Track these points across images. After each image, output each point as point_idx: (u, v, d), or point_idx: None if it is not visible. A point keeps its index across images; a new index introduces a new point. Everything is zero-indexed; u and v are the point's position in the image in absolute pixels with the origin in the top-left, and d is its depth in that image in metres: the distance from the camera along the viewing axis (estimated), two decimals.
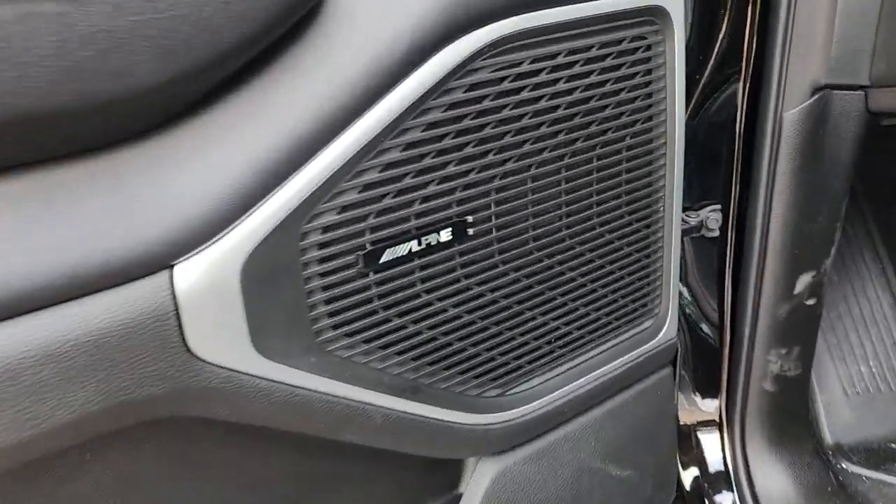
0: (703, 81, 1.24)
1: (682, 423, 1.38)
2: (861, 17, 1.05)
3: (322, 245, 0.71)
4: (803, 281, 1.26)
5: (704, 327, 1.34)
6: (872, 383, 1.56)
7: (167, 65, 0.57)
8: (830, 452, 1.45)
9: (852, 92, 1.10)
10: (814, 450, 1.41)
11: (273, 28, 0.63)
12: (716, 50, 1.21)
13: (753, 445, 1.37)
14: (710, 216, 1.27)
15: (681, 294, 1.36)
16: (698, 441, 1.38)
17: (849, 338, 1.60)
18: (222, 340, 0.67)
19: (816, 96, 1.10)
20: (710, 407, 1.37)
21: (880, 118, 1.19)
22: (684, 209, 1.27)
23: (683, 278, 1.36)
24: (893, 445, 1.48)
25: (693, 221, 1.27)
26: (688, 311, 1.36)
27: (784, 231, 1.20)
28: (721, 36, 1.19)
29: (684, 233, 1.28)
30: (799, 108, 1.11)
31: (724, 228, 1.26)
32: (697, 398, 1.36)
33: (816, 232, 1.22)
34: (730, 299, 1.30)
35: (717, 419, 1.37)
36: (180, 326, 0.64)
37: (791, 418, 1.38)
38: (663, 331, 1.06)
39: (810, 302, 1.28)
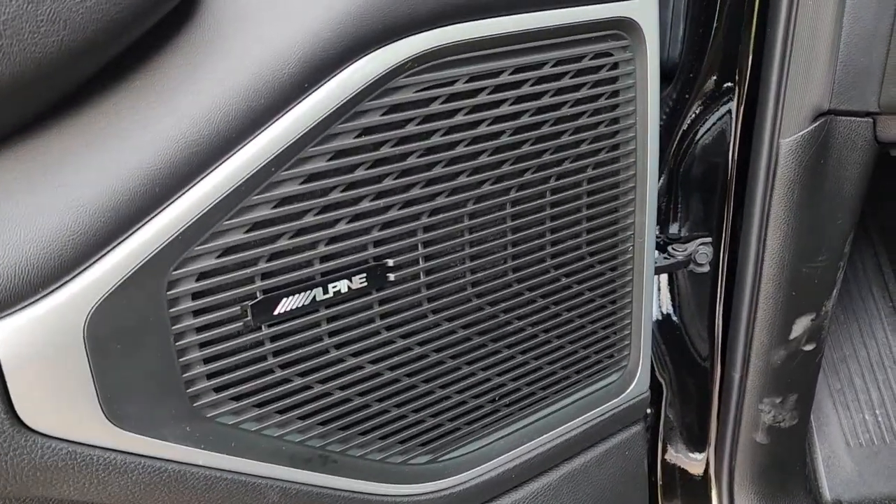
0: (693, 101, 1.13)
1: (667, 475, 1.26)
2: (870, 34, 0.92)
3: (197, 295, 0.59)
4: (801, 325, 1.13)
5: (695, 371, 1.22)
6: (878, 434, 1.44)
7: None
8: None
9: (859, 118, 0.98)
10: None
11: (114, 32, 0.52)
12: (708, 67, 1.09)
13: (743, 503, 1.25)
14: (700, 250, 1.16)
15: (671, 333, 1.24)
16: (684, 496, 1.26)
17: (854, 383, 1.48)
18: (63, 409, 0.55)
19: (818, 122, 0.97)
20: (698, 458, 1.25)
21: (890, 148, 1.06)
22: (672, 241, 1.16)
23: (677, 314, 1.24)
24: None
25: (680, 255, 1.16)
26: (677, 352, 1.24)
27: (779, 270, 1.07)
28: (714, 52, 1.07)
29: (670, 268, 1.16)
30: (798, 134, 0.98)
31: (715, 264, 1.14)
32: (684, 448, 1.25)
33: (816, 272, 1.09)
34: (720, 342, 1.17)
35: (704, 472, 1.25)
36: (6, 393, 0.53)
37: (785, 473, 1.26)
38: (632, 385, 0.93)
39: (809, 347, 1.16)
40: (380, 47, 0.62)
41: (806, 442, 1.34)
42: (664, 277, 1.24)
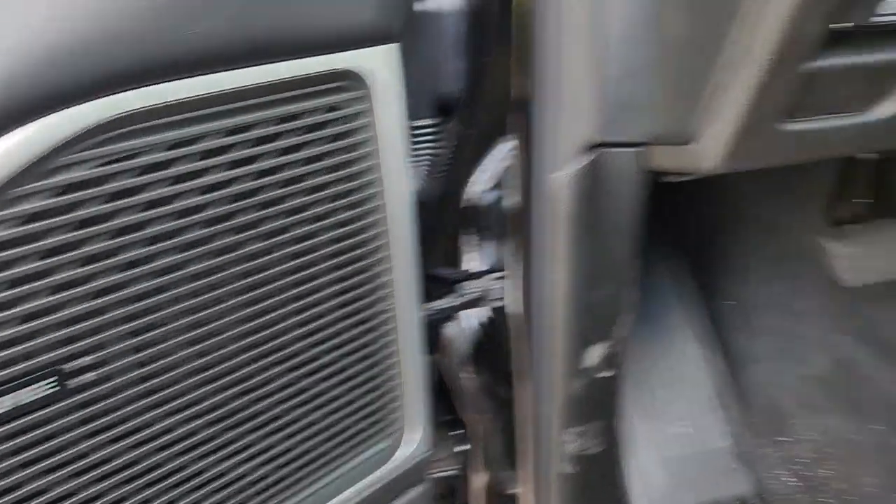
0: (475, 137, 1.11)
1: None
2: (632, 67, 0.92)
3: None
4: (596, 353, 1.13)
5: (501, 408, 1.20)
6: (687, 444, 1.48)
7: None
8: None
9: (628, 149, 0.98)
10: None
11: None
12: (487, 102, 1.07)
13: None
14: (494, 286, 1.14)
15: (477, 371, 1.22)
16: None
17: (658, 396, 1.51)
18: None
19: (590, 155, 0.96)
20: (512, 495, 1.23)
21: (659, 176, 1.08)
22: (466, 279, 1.13)
23: (482, 351, 1.22)
24: None
25: (475, 293, 1.14)
26: (482, 390, 1.22)
27: (567, 302, 1.06)
28: (491, 87, 1.05)
29: (464, 307, 1.13)
30: (571, 168, 0.97)
31: (510, 299, 1.12)
32: (497, 486, 1.22)
33: (605, 300, 1.09)
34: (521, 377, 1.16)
35: None
36: None
37: (598, 499, 1.26)
38: (411, 447, 0.88)
39: (606, 374, 1.16)
40: (36, 119, 0.53)
41: (615, 464, 1.35)
42: (474, 313, 1.22)
